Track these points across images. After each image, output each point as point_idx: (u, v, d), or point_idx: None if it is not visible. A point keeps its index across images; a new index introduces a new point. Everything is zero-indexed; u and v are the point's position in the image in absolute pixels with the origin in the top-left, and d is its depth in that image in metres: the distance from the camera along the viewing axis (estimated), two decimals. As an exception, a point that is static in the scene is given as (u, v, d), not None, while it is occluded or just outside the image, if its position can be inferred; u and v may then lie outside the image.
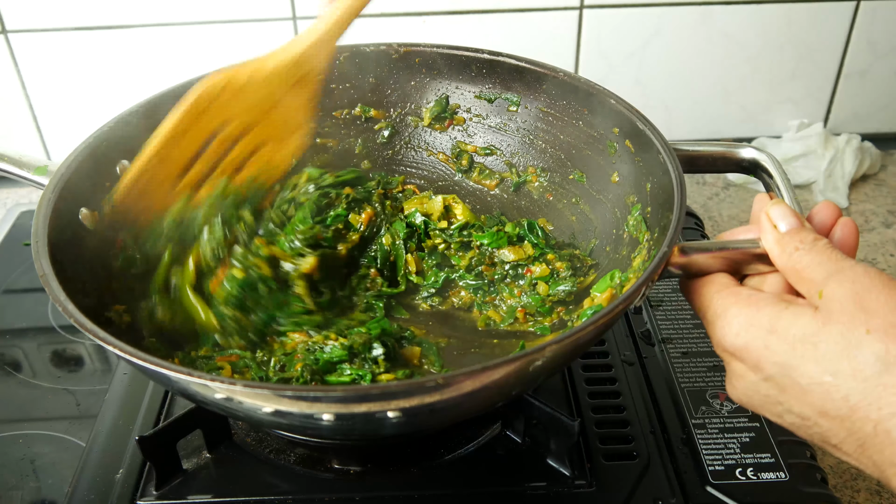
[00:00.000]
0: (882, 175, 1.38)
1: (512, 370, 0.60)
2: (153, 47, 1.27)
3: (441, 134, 1.03)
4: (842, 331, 0.56)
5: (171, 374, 0.59)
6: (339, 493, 0.76)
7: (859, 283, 0.57)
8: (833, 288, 0.58)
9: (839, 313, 0.57)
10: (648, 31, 1.30)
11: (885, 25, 1.31)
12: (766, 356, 0.60)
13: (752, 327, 0.61)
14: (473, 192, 1.03)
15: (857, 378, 0.55)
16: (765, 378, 0.60)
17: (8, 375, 0.95)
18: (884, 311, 0.55)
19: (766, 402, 0.62)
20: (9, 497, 0.80)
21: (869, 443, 0.55)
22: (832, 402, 0.56)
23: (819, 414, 0.58)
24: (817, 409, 0.57)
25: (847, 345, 0.56)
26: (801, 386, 0.58)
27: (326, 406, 0.59)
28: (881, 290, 0.56)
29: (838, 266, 0.59)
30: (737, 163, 0.80)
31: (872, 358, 0.54)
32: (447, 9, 1.27)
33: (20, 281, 1.10)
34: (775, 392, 0.60)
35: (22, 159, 0.83)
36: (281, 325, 0.81)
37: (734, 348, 0.62)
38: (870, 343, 0.55)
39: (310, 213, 0.88)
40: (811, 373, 0.57)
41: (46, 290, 0.66)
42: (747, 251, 0.66)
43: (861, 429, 0.55)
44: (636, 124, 0.83)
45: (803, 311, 0.59)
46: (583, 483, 0.76)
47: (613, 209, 0.89)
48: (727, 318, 0.63)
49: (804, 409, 0.59)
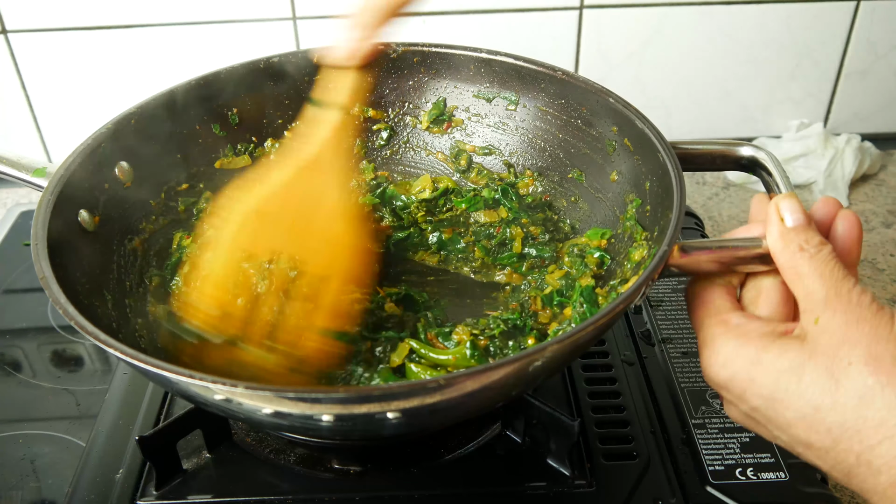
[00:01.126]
0: (882, 175, 1.38)
1: (512, 370, 0.60)
2: (153, 47, 1.27)
3: (440, 136, 1.03)
4: (826, 363, 0.56)
5: (170, 376, 0.59)
6: (339, 493, 0.76)
7: (850, 312, 0.57)
8: (828, 317, 0.58)
9: (826, 346, 0.57)
10: (648, 31, 1.30)
11: (885, 25, 1.31)
12: (752, 389, 0.60)
13: (738, 359, 0.61)
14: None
15: (838, 411, 0.55)
16: (752, 409, 0.61)
17: (8, 375, 0.95)
18: (866, 341, 0.56)
19: (758, 427, 0.63)
20: (9, 497, 0.80)
21: (853, 472, 0.55)
22: (816, 434, 0.57)
23: (805, 446, 0.58)
24: (802, 441, 0.58)
25: (830, 378, 0.56)
26: (786, 418, 0.58)
27: (326, 407, 0.59)
28: (868, 320, 0.57)
29: (837, 289, 0.59)
30: (736, 161, 0.80)
31: (853, 390, 0.55)
32: (447, 9, 1.27)
33: (20, 281, 1.10)
34: (764, 421, 0.61)
35: (20, 161, 0.83)
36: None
37: (720, 379, 0.62)
38: (850, 375, 0.55)
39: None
40: (795, 406, 0.57)
41: (47, 292, 0.66)
42: (747, 250, 0.66)
43: (845, 460, 0.56)
44: (635, 123, 0.83)
45: (790, 345, 0.59)
46: (583, 483, 0.76)
47: (612, 208, 0.89)
48: (714, 347, 0.63)
49: (790, 440, 0.59)
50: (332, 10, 1.26)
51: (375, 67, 1.00)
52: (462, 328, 0.76)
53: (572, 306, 0.81)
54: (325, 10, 1.26)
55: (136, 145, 0.88)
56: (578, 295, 0.81)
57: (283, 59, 0.97)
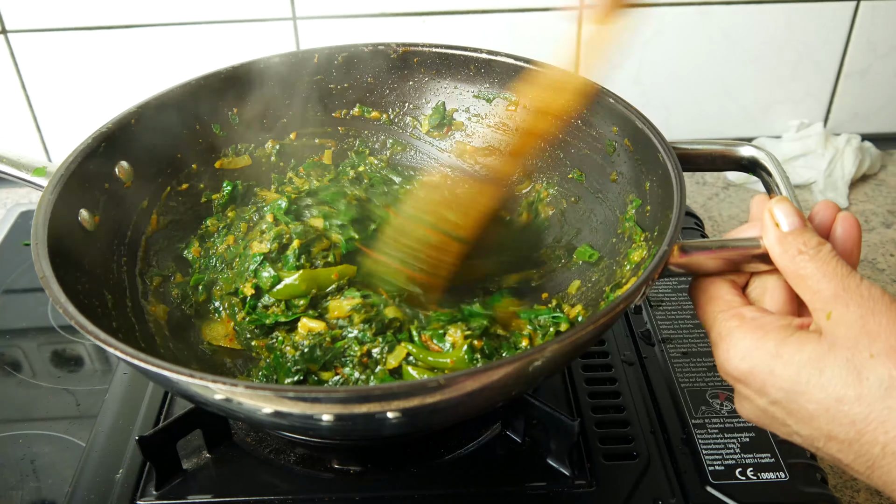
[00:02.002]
0: (882, 175, 1.38)
1: (512, 370, 0.60)
2: (153, 47, 1.27)
3: (440, 140, 1.03)
4: (847, 356, 0.56)
5: (170, 376, 0.59)
6: (339, 493, 0.76)
7: (865, 306, 0.57)
8: (840, 311, 0.58)
9: (844, 339, 0.57)
10: (648, 31, 1.30)
11: (885, 25, 1.31)
12: (772, 381, 0.60)
13: (757, 351, 0.61)
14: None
15: (863, 403, 0.55)
16: (771, 402, 0.61)
17: (8, 375, 0.95)
18: (886, 333, 0.56)
19: (774, 422, 0.62)
20: (9, 497, 0.80)
21: (877, 464, 0.55)
22: (839, 426, 0.56)
23: (827, 437, 0.58)
24: (825, 433, 0.58)
25: (852, 370, 0.56)
26: (808, 411, 0.58)
27: (326, 407, 0.59)
28: (885, 312, 0.57)
29: (844, 284, 0.59)
30: (736, 161, 0.80)
31: (877, 382, 0.55)
32: (447, 9, 1.27)
33: (20, 281, 1.10)
34: (782, 415, 0.61)
35: (20, 160, 0.83)
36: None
37: (738, 373, 0.62)
38: (873, 367, 0.55)
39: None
40: (817, 398, 0.57)
41: (47, 292, 0.66)
42: (747, 250, 0.66)
43: (869, 451, 0.56)
44: (635, 123, 0.83)
45: (808, 338, 0.59)
46: (583, 483, 0.76)
47: (613, 208, 0.89)
48: (732, 341, 0.62)
49: (812, 433, 0.59)
50: (332, 10, 1.26)
51: (376, 68, 1.01)
52: (454, 328, 0.76)
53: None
54: (325, 10, 1.26)
55: (136, 145, 0.88)
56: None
57: (284, 59, 0.97)
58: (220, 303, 0.88)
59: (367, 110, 1.03)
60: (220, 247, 0.92)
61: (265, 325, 0.83)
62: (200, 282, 0.89)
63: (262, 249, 0.85)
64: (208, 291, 0.89)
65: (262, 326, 0.83)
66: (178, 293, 0.89)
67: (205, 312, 0.89)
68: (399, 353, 0.76)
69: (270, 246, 0.85)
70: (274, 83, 0.98)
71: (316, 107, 1.02)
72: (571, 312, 0.81)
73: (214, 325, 0.88)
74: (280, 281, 0.83)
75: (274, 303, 0.83)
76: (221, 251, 0.91)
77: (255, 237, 0.88)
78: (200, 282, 0.89)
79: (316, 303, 0.83)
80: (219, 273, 0.90)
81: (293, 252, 0.84)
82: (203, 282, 0.89)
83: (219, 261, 0.90)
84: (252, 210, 0.94)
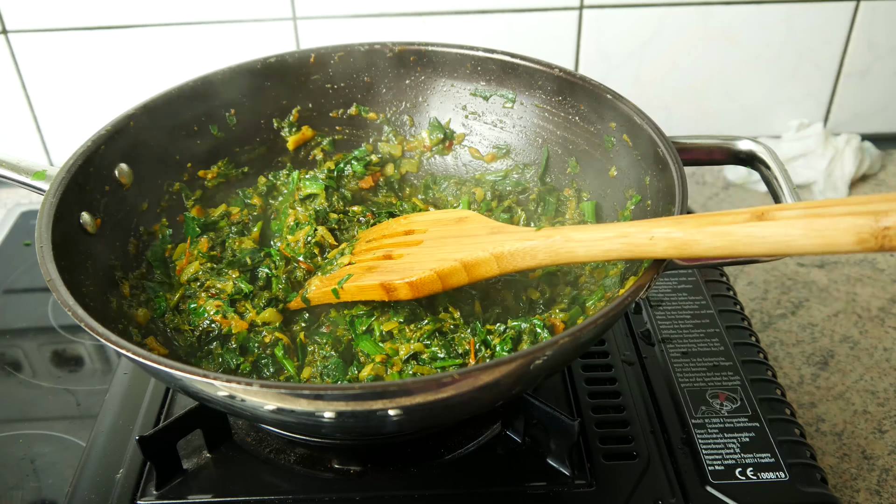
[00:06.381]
0: (882, 175, 1.38)
1: (512, 369, 0.60)
2: (153, 47, 1.27)
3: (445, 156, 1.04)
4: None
5: (174, 373, 0.59)
6: (339, 493, 0.76)
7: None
8: None
9: None
10: (648, 31, 1.30)
11: (885, 25, 1.32)
12: None
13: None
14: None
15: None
16: None
17: (8, 375, 0.95)
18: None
19: None
20: (9, 497, 0.80)
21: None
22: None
23: None
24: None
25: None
26: None
27: (328, 404, 0.59)
28: None
29: None
30: (734, 154, 0.80)
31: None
32: (447, 9, 1.27)
33: (20, 281, 1.10)
34: None
35: (20, 164, 0.83)
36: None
37: None
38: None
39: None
40: None
41: (55, 294, 0.66)
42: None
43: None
44: (633, 118, 0.84)
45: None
46: (583, 483, 0.76)
47: (612, 204, 0.89)
48: None
49: None
50: (332, 10, 1.26)
51: (372, 67, 1.01)
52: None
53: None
54: (325, 10, 1.26)
55: (135, 147, 0.88)
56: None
57: (281, 59, 0.97)
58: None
59: (365, 110, 1.03)
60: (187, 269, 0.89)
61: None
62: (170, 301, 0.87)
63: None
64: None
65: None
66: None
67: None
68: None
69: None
70: (272, 83, 0.98)
71: (315, 106, 1.02)
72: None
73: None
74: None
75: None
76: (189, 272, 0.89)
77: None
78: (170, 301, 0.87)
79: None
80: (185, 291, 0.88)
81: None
82: (173, 301, 0.87)
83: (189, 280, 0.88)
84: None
